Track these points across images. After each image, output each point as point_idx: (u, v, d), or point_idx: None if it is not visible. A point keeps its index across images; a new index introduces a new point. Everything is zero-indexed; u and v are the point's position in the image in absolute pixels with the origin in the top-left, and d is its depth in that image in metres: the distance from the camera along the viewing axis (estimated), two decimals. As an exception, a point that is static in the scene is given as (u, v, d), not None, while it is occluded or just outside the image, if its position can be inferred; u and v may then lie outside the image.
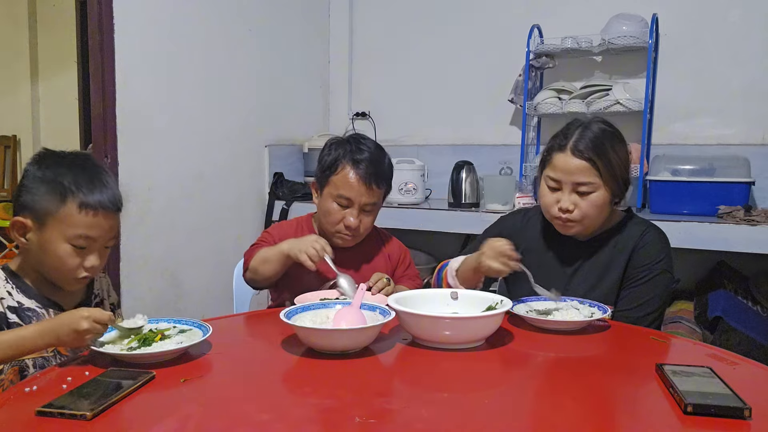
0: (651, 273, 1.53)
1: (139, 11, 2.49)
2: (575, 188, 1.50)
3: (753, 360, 1.21)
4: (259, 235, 1.84)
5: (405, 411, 0.97)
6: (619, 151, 1.52)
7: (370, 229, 1.73)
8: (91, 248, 1.27)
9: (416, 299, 1.39)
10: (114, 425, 0.91)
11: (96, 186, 1.27)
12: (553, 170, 1.52)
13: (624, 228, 1.60)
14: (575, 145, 1.49)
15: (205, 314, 2.03)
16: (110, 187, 1.30)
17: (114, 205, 1.29)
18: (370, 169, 1.63)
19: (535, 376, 1.18)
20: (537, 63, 2.92)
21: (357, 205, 1.65)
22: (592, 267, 1.59)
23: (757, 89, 2.69)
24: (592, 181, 1.48)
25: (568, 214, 1.51)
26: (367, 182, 1.63)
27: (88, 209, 1.24)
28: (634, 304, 1.53)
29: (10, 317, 1.24)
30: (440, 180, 3.08)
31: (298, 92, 3.43)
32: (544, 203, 1.56)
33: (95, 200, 1.25)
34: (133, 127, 2.49)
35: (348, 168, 1.64)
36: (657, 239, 1.56)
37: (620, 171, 1.51)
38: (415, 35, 3.42)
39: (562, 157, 1.50)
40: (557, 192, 1.53)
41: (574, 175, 1.49)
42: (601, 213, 1.53)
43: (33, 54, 5.38)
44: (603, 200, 1.50)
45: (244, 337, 1.48)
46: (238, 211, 3.05)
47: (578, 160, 1.48)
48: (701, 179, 2.47)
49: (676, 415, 0.93)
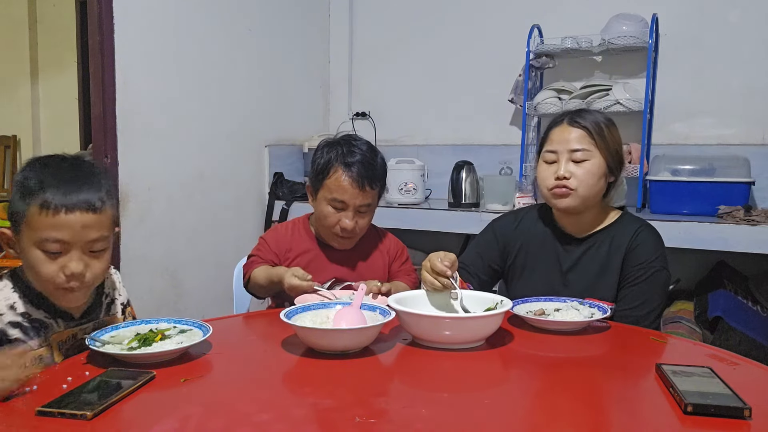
0: (648, 271, 1.54)
1: (139, 11, 2.49)
2: (571, 156, 1.55)
3: (753, 360, 1.21)
4: (259, 235, 1.84)
5: (405, 411, 0.97)
6: (612, 130, 1.58)
7: (365, 229, 1.73)
8: (68, 253, 1.15)
9: (416, 299, 1.39)
10: (114, 425, 0.91)
11: (66, 185, 1.15)
12: (550, 143, 1.60)
13: (618, 226, 1.62)
14: (571, 117, 1.58)
15: (205, 314, 2.03)
16: (88, 187, 1.17)
17: (86, 203, 1.16)
18: (363, 171, 1.63)
19: (535, 376, 1.18)
20: (537, 63, 2.92)
21: (352, 208, 1.65)
22: (589, 265, 1.60)
23: (757, 89, 2.69)
24: (587, 147, 1.54)
25: (564, 181, 1.54)
26: (360, 185, 1.63)
27: (49, 209, 1.13)
28: (634, 303, 1.54)
29: (12, 333, 1.18)
30: (440, 180, 3.08)
31: (298, 92, 3.44)
32: (541, 178, 1.61)
33: (59, 199, 1.13)
34: (133, 127, 2.49)
35: (340, 171, 1.63)
36: (650, 237, 1.58)
37: (614, 146, 1.58)
38: (415, 35, 3.42)
39: (559, 130, 1.59)
40: (554, 164, 1.58)
41: (570, 143, 1.55)
42: (596, 185, 1.56)
43: (33, 54, 5.38)
44: (597, 168, 1.54)
45: (244, 337, 1.48)
46: (238, 211, 3.05)
47: (574, 128, 1.56)
48: (701, 179, 2.47)
49: (676, 415, 0.93)
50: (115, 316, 1.38)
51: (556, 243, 1.65)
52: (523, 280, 1.68)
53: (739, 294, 2.42)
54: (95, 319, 1.31)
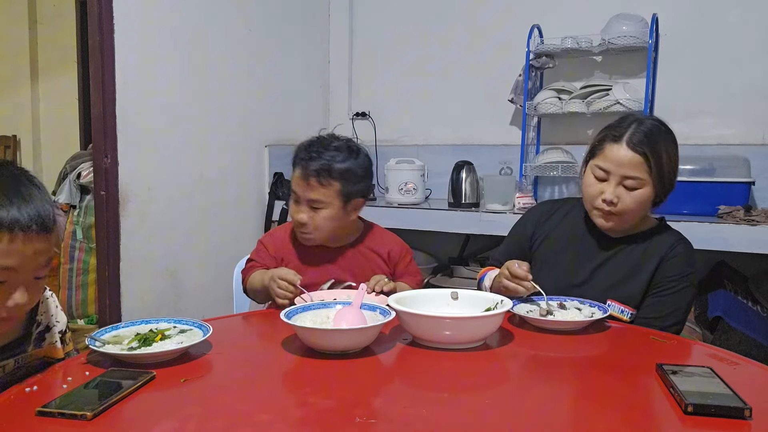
0: (679, 285, 1.52)
1: (139, 11, 2.49)
2: (622, 181, 1.49)
3: (753, 360, 1.21)
4: (259, 236, 1.83)
5: (405, 411, 0.97)
6: (671, 151, 1.52)
7: (322, 227, 1.68)
8: (12, 282, 0.98)
9: (416, 299, 1.39)
10: (114, 425, 0.91)
11: (10, 201, 0.96)
12: (604, 160, 1.51)
13: (655, 235, 1.59)
14: (631, 137, 1.48)
15: (205, 314, 2.03)
16: (33, 200, 0.99)
17: (39, 224, 0.97)
18: (313, 165, 1.65)
19: (535, 376, 1.18)
20: (537, 63, 2.92)
21: (303, 201, 1.67)
22: (618, 265, 1.58)
23: (757, 89, 2.69)
24: (641, 176, 1.47)
25: (611, 206, 1.50)
26: (305, 179, 1.65)
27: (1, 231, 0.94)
28: (660, 314, 1.52)
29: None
30: (440, 180, 3.08)
31: (298, 92, 3.43)
32: (588, 193, 1.55)
33: (9, 219, 0.94)
34: (133, 127, 2.49)
35: (297, 166, 1.68)
36: (687, 252, 1.56)
37: (668, 171, 1.51)
38: (415, 35, 3.42)
39: (616, 148, 1.49)
40: (603, 183, 1.52)
41: (624, 168, 1.48)
42: (641, 211, 1.53)
43: (33, 54, 5.39)
44: (647, 197, 1.50)
45: (244, 337, 1.48)
46: (238, 212, 3.05)
47: (632, 152, 1.47)
48: (701, 179, 2.47)
49: (676, 415, 0.93)
50: (53, 346, 1.19)
51: (590, 237, 1.62)
52: (547, 270, 1.63)
53: (739, 294, 2.42)
54: (21, 353, 1.11)
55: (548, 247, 1.68)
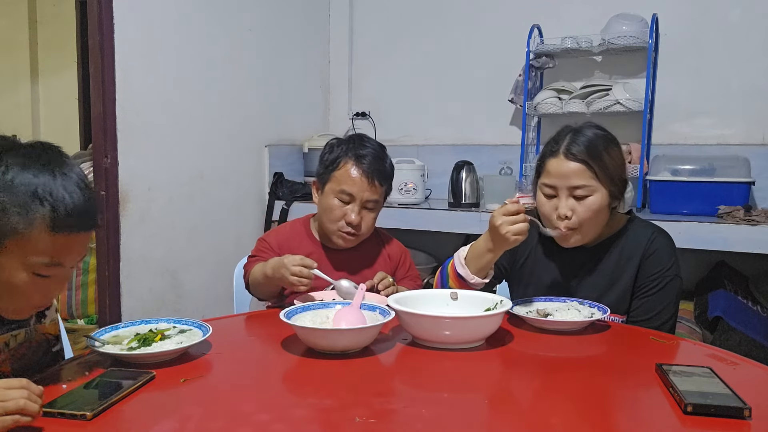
0: (663, 281, 1.50)
1: (139, 11, 2.49)
2: (571, 192, 1.47)
3: (753, 360, 1.21)
4: (259, 235, 1.83)
5: (405, 411, 0.97)
6: (612, 152, 1.49)
7: (371, 229, 1.71)
8: (57, 277, 1.01)
9: (416, 299, 1.39)
10: (114, 425, 0.91)
11: (72, 195, 0.96)
12: (548, 176, 1.50)
13: (628, 232, 1.57)
14: (567, 148, 1.47)
15: (205, 314, 2.04)
16: (85, 192, 1.00)
17: (93, 220, 1.01)
18: (373, 165, 1.63)
19: (535, 376, 1.18)
20: (537, 63, 2.92)
21: (359, 201, 1.63)
22: (600, 274, 1.56)
23: (757, 89, 2.69)
24: (588, 183, 1.46)
25: (567, 221, 1.47)
26: (369, 178, 1.62)
27: (62, 230, 0.95)
28: (649, 314, 1.51)
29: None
30: (440, 180, 3.08)
31: (298, 92, 3.43)
32: (542, 212, 1.53)
33: (73, 219, 0.95)
34: (133, 127, 2.49)
35: (351, 163, 1.63)
36: (665, 244, 1.54)
37: (616, 172, 1.49)
38: (415, 35, 3.42)
39: (555, 162, 1.48)
40: (554, 199, 1.50)
41: (569, 179, 1.46)
42: (599, 218, 1.50)
43: (33, 53, 5.38)
44: (600, 203, 1.47)
45: (244, 337, 1.48)
46: (238, 211, 3.05)
47: (572, 162, 1.46)
48: (701, 179, 2.47)
49: (676, 415, 0.94)
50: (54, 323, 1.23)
51: (565, 252, 1.57)
52: (532, 291, 1.60)
53: (739, 294, 2.42)
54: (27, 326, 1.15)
55: (527, 267, 1.64)
